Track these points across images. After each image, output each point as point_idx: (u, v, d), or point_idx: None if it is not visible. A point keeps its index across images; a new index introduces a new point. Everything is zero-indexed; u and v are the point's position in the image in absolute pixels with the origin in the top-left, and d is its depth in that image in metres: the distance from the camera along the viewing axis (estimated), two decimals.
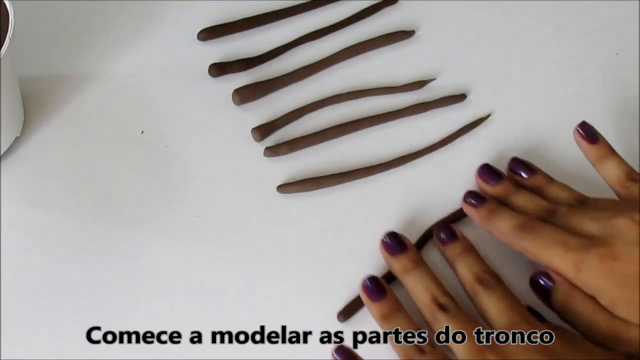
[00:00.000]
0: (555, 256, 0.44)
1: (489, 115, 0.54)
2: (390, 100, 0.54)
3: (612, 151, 0.48)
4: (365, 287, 0.45)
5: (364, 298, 0.45)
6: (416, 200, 0.50)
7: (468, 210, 0.48)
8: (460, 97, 0.54)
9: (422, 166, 0.52)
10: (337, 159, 0.51)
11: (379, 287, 0.45)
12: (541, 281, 0.44)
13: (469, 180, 0.51)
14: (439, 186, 0.51)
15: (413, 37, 0.56)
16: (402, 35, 0.56)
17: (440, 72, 0.55)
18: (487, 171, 0.49)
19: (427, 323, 0.43)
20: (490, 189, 0.49)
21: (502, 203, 0.48)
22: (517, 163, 0.50)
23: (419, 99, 0.54)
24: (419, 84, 0.54)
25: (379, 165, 0.51)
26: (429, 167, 0.51)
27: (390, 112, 0.53)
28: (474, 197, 0.48)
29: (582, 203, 0.47)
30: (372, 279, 0.45)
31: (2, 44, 0.43)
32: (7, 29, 0.43)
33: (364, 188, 0.50)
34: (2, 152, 0.49)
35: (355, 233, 0.49)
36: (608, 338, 0.42)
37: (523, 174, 0.49)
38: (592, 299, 0.43)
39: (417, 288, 0.44)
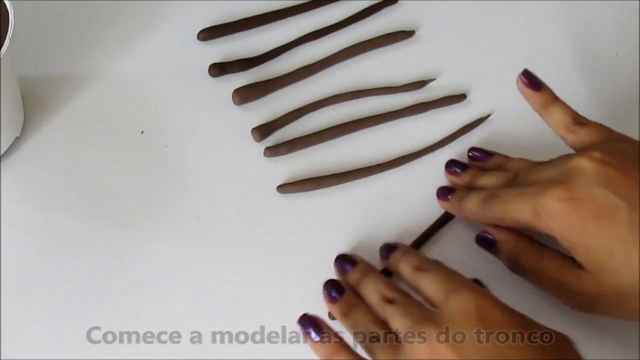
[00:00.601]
0: (515, 209, 0.44)
1: (489, 115, 0.54)
2: (390, 100, 0.54)
3: (556, 98, 0.48)
4: (324, 291, 0.45)
5: (325, 302, 0.45)
6: (416, 199, 0.50)
7: (442, 204, 0.50)
8: (460, 97, 0.54)
9: (422, 166, 0.52)
10: (337, 159, 0.51)
11: (337, 289, 0.45)
12: (485, 237, 0.47)
13: None
14: (438, 186, 0.51)
15: (413, 37, 0.56)
16: (402, 35, 0.56)
17: (440, 72, 0.55)
18: (452, 164, 0.51)
19: (385, 321, 0.43)
20: (458, 179, 0.50)
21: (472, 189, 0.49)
22: (475, 150, 0.51)
23: (419, 99, 0.54)
24: (419, 84, 0.54)
25: (379, 165, 0.51)
26: (429, 167, 0.52)
27: (390, 112, 0.53)
28: (444, 191, 0.50)
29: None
30: (330, 282, 0.45)
31: (2, 44, 0.43)
32: (7, 29, 0.43)
33: (364, 188, 0.50)
34: (2, 152, 0.49)
35: (355, 233, 0.49)
36: (559, 290, 0.44)
37: (483, 159, 0.51)
38: (538, 253, 0.45)
39: (367, 293, 0.44)
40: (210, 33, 0.54)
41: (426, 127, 0.53)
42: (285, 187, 0.50)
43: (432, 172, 0.51)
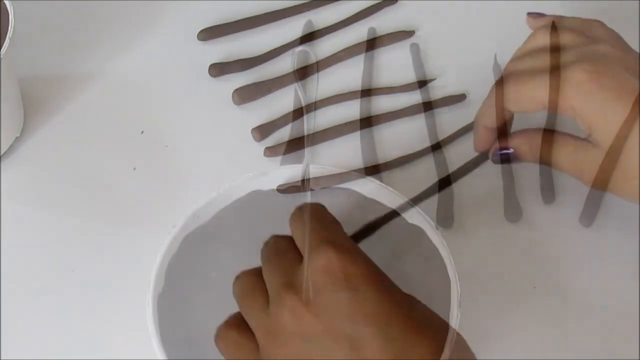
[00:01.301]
0: (535, 88, 0.45)
1: None
2: (390, 100, 0.54)
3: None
4: None
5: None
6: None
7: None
8: (460, 97, 0.54)
9: (422, 166, 0.52)
10: (337, 159, 0.51)
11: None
12: (501, 153, 0.48)
13: (469, 180, 0.51)
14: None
15: (413, 37, 0.56)
16: (402, 35, 0.56)
17: (440, 72, 0.55)
18: None
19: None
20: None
21: None
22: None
23: (419, 99, 0.54)
24: (419, 84, 0.54)
25: (378, 165, 0.51)
26: (429, 167, 0.51)
27: (390, 112, 0.53)
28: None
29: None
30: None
31: (2, 44, 0.43)
32: (7, 29, 0.43)
33: (364, 188, 0.50)
34: (2, 152, 0.49)
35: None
36: (574, 169, 0.45)
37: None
38: (550, 141, 0.46)
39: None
40: (210, 33, 0.54)
41: (426, 127, 0.53)
42: (285, 187, 0.50)
43: (432, 173, 0.51)
